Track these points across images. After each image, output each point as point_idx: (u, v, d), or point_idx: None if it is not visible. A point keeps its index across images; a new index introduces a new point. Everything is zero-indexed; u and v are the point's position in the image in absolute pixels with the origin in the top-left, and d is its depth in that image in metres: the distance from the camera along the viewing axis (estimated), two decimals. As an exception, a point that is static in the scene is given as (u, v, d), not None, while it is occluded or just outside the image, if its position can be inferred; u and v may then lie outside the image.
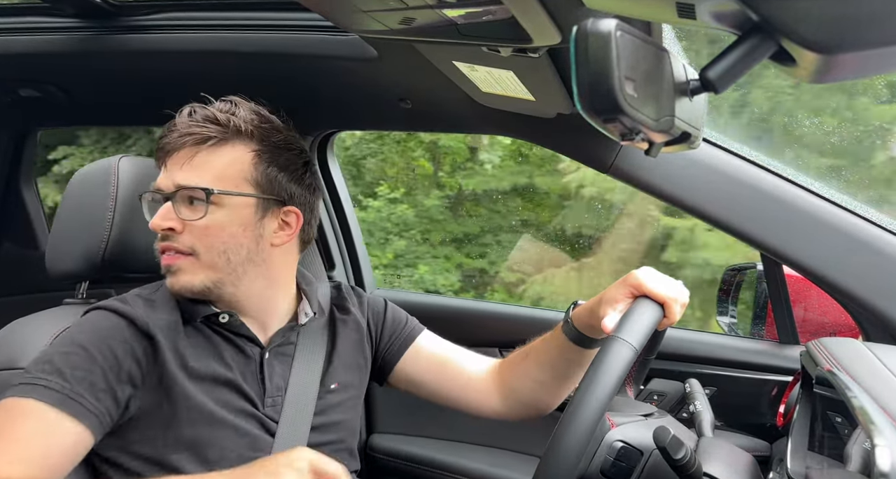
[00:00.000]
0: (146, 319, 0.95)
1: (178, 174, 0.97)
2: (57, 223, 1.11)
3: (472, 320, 1.70)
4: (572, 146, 1.30)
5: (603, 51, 0.48)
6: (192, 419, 0.94)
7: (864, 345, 0.95)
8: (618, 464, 0.89)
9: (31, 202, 2.06)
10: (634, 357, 0.81)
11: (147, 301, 0.99)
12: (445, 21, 0.83)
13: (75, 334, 0.93)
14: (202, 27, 1.28)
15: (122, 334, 0.93)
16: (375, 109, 1.49)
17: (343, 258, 1.84)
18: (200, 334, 1.00)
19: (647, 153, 0.59)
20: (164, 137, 0.99)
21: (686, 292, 0.96)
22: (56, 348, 0.92)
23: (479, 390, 1.17)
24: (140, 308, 0.97)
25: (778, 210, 1.16)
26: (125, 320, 0.94)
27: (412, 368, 1.18)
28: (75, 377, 0.87)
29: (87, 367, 0.89)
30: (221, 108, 1.01)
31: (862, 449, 0.72)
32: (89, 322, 0.96)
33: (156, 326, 0.95)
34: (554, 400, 1.16)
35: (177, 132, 0.98)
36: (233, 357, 1.00)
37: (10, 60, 1.42)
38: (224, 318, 1.00)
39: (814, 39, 0.44)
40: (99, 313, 0.97)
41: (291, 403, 1.02)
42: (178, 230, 0.97)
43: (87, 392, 0.87)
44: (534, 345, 1.14)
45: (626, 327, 0.85)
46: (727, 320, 1.64)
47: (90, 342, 0.91)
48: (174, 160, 0.99)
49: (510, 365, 1.17)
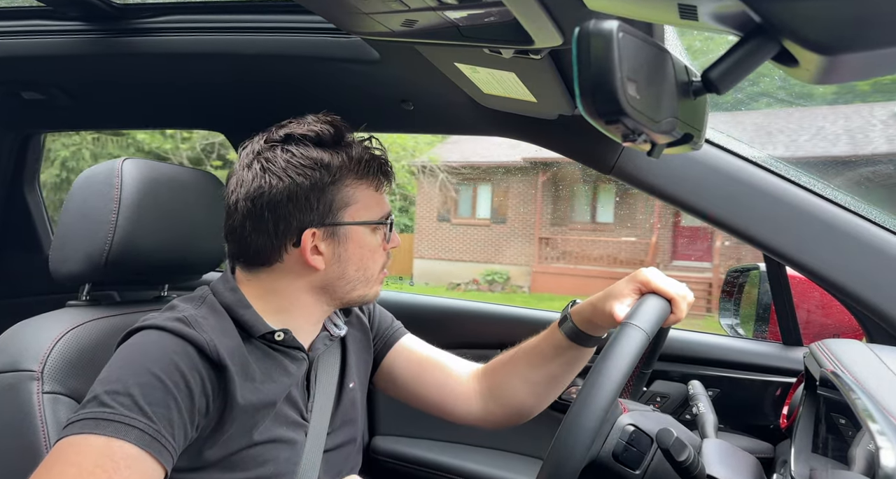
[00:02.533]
0: (216, 346, 0.90)
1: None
2: (60, 226, 1.11)
3: (472, 321, 1.70)
4: (574, 147, 1.30)
5: (605, 52, 0.48)
6: (249, 437, 0.93)
7: (868, 346, 0.94)
8: (630, 448, 0.89)
9: (34, 205, 2.06)
10: (647, 343, 0.82)
11: (205, 320, 0.93)
12: (447, 23, 0.84)
13: (145, 361, 0.86)
14: (204, 30, 1.28)
15: (194, 363, 0.88)
16: (377, 111, 1.49)
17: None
18: (259, 351, 0.97)
19: (650, 154, 0.59)
20: (384, 164, 1.02)
21: (691, 292, 0.98)
22: (129, 376, 0.84)
23: (457, 392, 1.17)
24: (207, 332, 0.91)
25: (781, 211, 1.16)
26: (193, 346, 0.89)
27: (393, 367, 1.19)
28: (157, 415, 0.82)
29: (165, 402, 0.83)
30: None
31: (866, 451, 0.71)
32: (157, 346, 0.88)
33: (225, 352, 0.90)
34: (539, 403, 1.15)
35: (385, 159, 1.03)
36: (286, 371, 0.99)
37: (13, 63, 1.42)
38: (280, 336, 0.98)
39: (816, 40, 0.44)
40: (164, 336, 0.89)
41: (318, 404, 1.04)
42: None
43: (166, 431, 0.83)
44: (525, 345, 1.14)
45: (638, 315, 0.86)
46: (730, 322, 1.64)
47: (165, 372, 0.85)
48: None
49: (496, 367, 1.17)
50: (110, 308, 1.12)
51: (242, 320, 0.96)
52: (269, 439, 0.95)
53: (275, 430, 0.96)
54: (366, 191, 0.99)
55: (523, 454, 1.64)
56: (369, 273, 1.02)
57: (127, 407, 0.81)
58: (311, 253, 0.97)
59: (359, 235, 0.99)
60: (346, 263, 0.99)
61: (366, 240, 1.00)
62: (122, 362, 0.87)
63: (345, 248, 0.98)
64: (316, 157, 0.96)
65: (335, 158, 0.96)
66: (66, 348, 0.99)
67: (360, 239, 0.99)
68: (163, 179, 1.14)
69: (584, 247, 12.10)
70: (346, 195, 0.97)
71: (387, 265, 1.06)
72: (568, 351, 1.08)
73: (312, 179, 0.95)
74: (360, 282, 1.01)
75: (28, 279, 1.87)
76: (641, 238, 11.65)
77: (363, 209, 0.99)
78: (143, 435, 0.80)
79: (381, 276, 1.05)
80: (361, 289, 1.02)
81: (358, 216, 0.99)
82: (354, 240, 0.99)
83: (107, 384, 0.84)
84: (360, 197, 0.98)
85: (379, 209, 1.01)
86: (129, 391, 0.82)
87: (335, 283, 1.00)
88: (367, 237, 1.00)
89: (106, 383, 0.84)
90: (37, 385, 0.95)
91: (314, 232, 0.96)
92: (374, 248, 1.01)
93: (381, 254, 1.03)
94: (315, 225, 0.96)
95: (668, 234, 11.60)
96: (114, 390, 0.82)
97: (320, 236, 0.97)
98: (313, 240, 0.96)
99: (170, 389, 0.84)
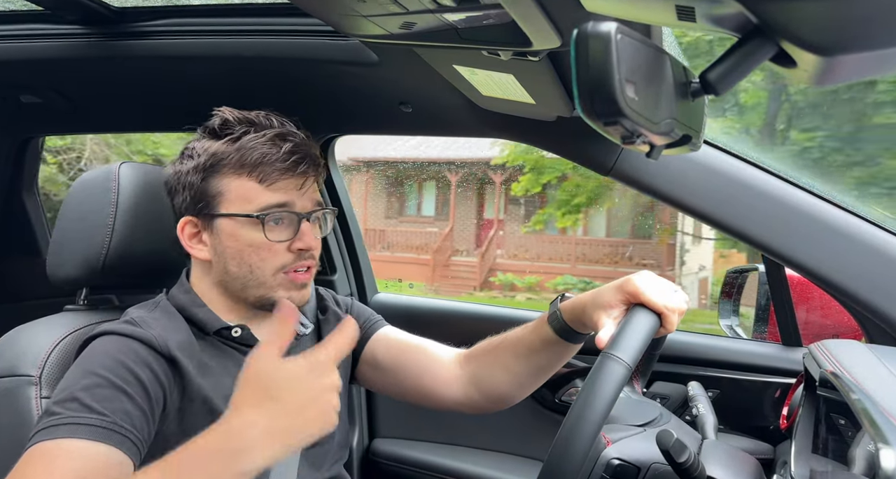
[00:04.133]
0: (165, 340, 0.92)
1: (315, 194, 1.01)
2: (58, 230, 1.11)
3: (472, 323, 1.70)
4: (573, 149, 1.30)
5: (603, 54, 0.48)
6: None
7: (867, 347, 0.94)
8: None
9: (32, 209, 2.06)
10: (629, 375, 0.80)
11: (156, 320, 0.96)
12: (446, 25, 0.84)
13: (89, 365, 0.87)
14: (202, 33, 1.28)
15: (141, 357, 0.89)
16: (376, 114, 1.49)
17: (344, 263, 1.84)
18: (214, 347, 0.99)
19: (649, 156, 0.59)
20: (299, 162, 0.98)
21: (684, 298, 0.95)
22: (74, 382, 0.85)
23: (439, 376, 1.16)
24: (155, 329, 0.93)
25: (780, 212, 1.15)
26: (139, 342, 0.90)
27: (374, 356, 1.19)
28: (109, 409, 0.82)
29: (115, 397, 0.84)
30: (297, 129, 1.02)
31: (866, 452, 0.71)
32: (101, 350, 0.90)
33: (174, 346, 0.92)
34: (521, 393, 1.14)
35: (301, 154, 0.98)
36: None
37: (11, 67, 1.42)
38: (237, 332, 1.00)
39: (813, 41, 0.44)
40: (109, 339, 0.91)
41: None
42: (314, 248, 1.00)
43: (123, 421, 0.83)
44: (511, 335, 1.13)
45: (621, 343, 0.83)
46: (729, 323, 1.64)
47: (109, 370, 0.86)
48: (310, 182, 1.01)
49: (479, 354, 1.16)
50: (108, 312, 1.12)
51: (196, 319, 0.99)
52: None
53: None
54: (244, 183, 0.97)
55: (523, 456, 1.64)
56: (258, 272, 0.98)
57: (74, 410, 0.82)
58: (188, 240, 1.00)
59: (231, 227, 0.97)
60: (224, 257, 0.99)
61: (240, 234, 0.97)
62: (69, 373, 0.89)
63: (219, 240, 0.99)
64: (200, 146, 0.99)
65: (219, 147, 0.97)
66: (65, 353, 0.99)
67: (233, 232, 0.97)
68: (160, 183, 1.14)
69: (406, 238, 12.86)
70: (221, 185, 0.97)
71: (302, 267, 1.00)
72: (555, 346, 1.07)
73: (188, 167, 0.99)
74: (251, 281, 0.99)
75: (26, 283, 1.87)
76: (442, 229, 12.49)
77: (236, 201, 0.97)
78: (96, 429, 0.80)
79: (289, 278, 0.99)
80: (256, 289, 0.99)
81: (229, 208, 0.97)
82: (227, 232, 0.98)
83: (56, 396, 0.85)
84: (235, 188, 0.97)
85: (257, 203, 0.96)
86: (75, 396, 0.83)
87: (225, 279, 1.00)
88: (242, 231, 0.97)
89: (56, 396, 0.85)
90: (35, 390, 0.95)
91: (189, 219, 1.00)
92: (259, 244, 0.97)
93: (275, 252, 0.97)
94: (189, 212, 1.00)
95: (470, 224, 12.50)
96: (61, 400, 0.83)
97: (200, 225, 1.00)
98: (192, 229, 1.00)
99: (117, 384, 0.85)
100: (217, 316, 1.00)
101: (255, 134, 0.97)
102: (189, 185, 0.99)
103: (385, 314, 1.27)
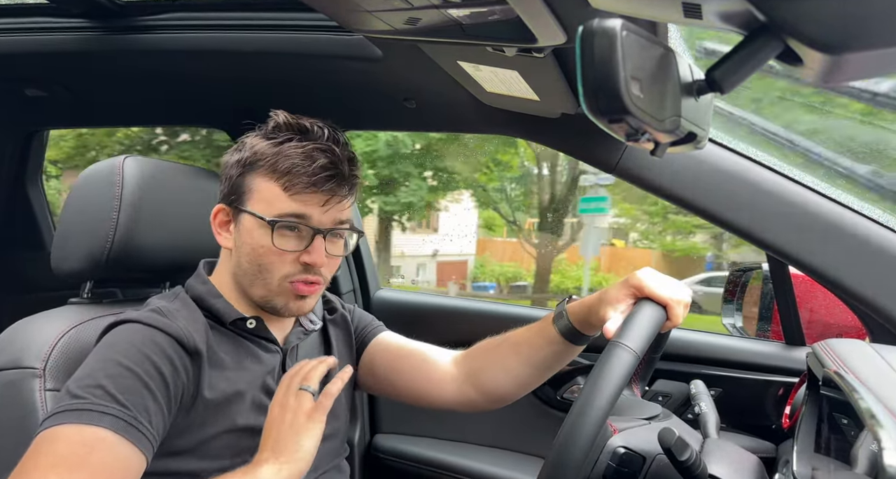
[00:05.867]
0: (191, 333, 0.93)
1: (340, 213, 1.01)
2: (62, 223, 1.11)
3: (473, 320, 1.70)
4: (577, 146, 1.30)
5: (608, 51, 0.48)
6: (222, 425, 0.95)
7: (871, 346, 0.94)
8: (620, 470, 0.88)
9: (36, 202, 2.07)
10: (636, 363, 0.81)
11: (178, 311, 0.97)
12: (450, 21, 0.83)
13: (114, 353, 0.88)
14: (207, 27, 1.28)
15: (164, 350, 0.90)
16: (380, 109, 1.49)
17: (347, 259, 1.84)
18: (228, 338, 1.01)
19: (653, 154, 0.59)
20: (328, 179, 0.97)
21: (688, 292, 0.96)
22: (98, 369, 0.86)
23: (432, 376, 1.17)
24: (180, 321, 0.94)
25: (784, 210, 1.15)
26: (165, 335, 0.91)
27: (372, 360, 1.21)
28: (131, 402, 0.84)
29: (139, 391, 0.85)
30: (342, 147, 1.01)
31: (869, 451, 0.71)
32: (126, 338, 0.91)
33: (199, 340, 0.94)
34: (520, 392, 1.15)
35: (332, 171, 0.98)
36: (257, 359, 1.03)
37: (16, 60, 1.42)
38: (252, 323, 1.02)
39: (820, 39, 0.44)
40: (134, 328, 0.92)
41: None
42: (321, 265, 1.00)
43: (142, 418, 0.84)
44: (514, 335, 1.14)
45: (628, 332, 0.84)
46: (732, 321, 1.64)
47: (134, 362, 0.87)
48: (336, 200, 1.00)
49: (477, 353, 1.17)
50: (112, 306, 1.12)
51: (213, 310, 1.01)
52: (244, 427, 0.97)
53: (250, 419, 0.97)
54: (270, 186, 0.98)
55: (525, 453, 1.64)
56: (266, 275, 0.99)
57: (99, 397, 0.83)
58: (218, 226, 1.04)
59: (250, 224, 1.00)
60: (241, 250, 1.01)
61: (254, 233, 0.99)
62: (92, 358, 0.90)
63: (240, 233, 1.01)
64: (250, 142, 1.02)
65: (262, 147, 1.00)
66: (69, 346, 0.99)
67: (250, 229, 1.00)
68: (164, 177, 1.14)
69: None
70: (253, 183, 1.00)
71: (304, 280, 1.00)
72: (558, 346, 1.08)
73: (235, 159, 1.02)
74: (258, 280, 1.00)
75: (30, 277, 1.87)
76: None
77: (259, 202, 0.99)
78: (118, 421, 0.82)
79: (292, 287, 1.00)
80: (260, 290, 1.01)
81: (254, 207, 0.99)
82: (246, 228, 1.00)
83: (78, 380, 0.86)
84: (263, 189, 0.99)
85: (276, 208, 0.98)
86: (100, 383, 0.84)
87: (237, 272, 1.03)
88: (256, 231, 0.99)
89: (77, 379, 0.86)
90: (39, 382, 0.96)
91: (222, 207, 1.04)
92: (267, 247, 0.98)
93: (284, 260, 0.99)
94: (224, 201, 1.04)
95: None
96: (85, 384, 0.85)
97: (231, 215, 1.03)
98: (224, 216, 1.04)
99: (141, 377, 0.86)
100: (233, 307, 1.02)
101: (297, 142, 0.99)
102: (230, 175, 1.03)
103: (387, 310, 1.28)
